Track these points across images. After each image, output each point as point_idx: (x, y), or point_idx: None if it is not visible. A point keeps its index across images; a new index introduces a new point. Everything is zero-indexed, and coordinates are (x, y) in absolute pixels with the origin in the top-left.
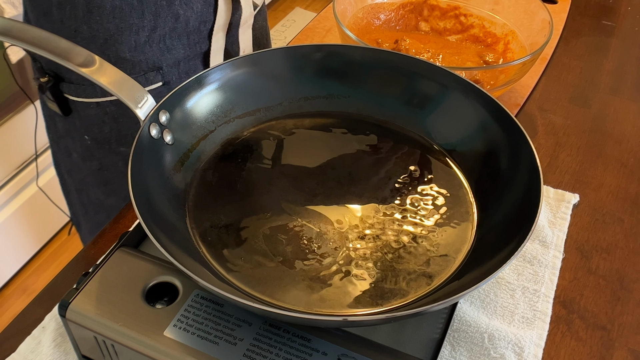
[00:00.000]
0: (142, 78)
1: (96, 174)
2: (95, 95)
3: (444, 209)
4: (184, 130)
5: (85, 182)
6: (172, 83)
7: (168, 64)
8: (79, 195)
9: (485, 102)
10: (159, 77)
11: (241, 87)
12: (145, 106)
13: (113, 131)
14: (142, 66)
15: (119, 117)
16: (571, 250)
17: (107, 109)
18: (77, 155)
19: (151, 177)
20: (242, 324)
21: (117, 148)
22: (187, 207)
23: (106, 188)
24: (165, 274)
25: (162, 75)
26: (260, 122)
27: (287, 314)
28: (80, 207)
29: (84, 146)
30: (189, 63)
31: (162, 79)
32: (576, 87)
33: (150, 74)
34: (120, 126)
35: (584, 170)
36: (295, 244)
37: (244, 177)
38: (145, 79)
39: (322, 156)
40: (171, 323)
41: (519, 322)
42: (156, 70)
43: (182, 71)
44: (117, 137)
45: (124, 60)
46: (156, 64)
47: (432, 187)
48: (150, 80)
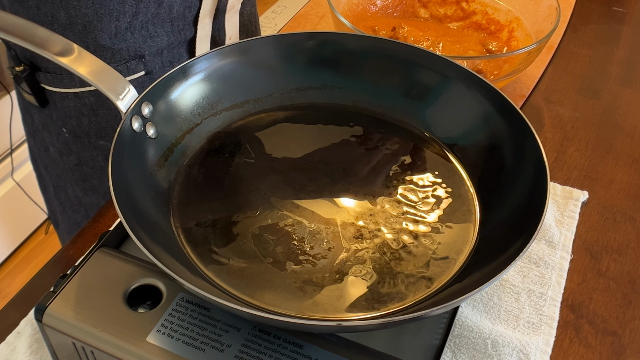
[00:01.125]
0: (123, 67)
1: (74, 170)
2: (73, 86)
3: (445, 207)
4: (168, 123)
5: (63, 178)
6: (155, 72)
7: (151, 52)
8: (56, 191)
9: (488, 94)
10: (141, 66)
11: (229, 77)
12: (127, 98)
13: (92, 124)
14: (123, 54)
15: (98, 108)
16: (580, 251)
17: (86, 100)
18: (54, 149)
19: (133, 173)
20: (230, 329)
21: (96, 142)
22: (172, 204)
23: (84, 184)
24: (148, 276)
25: (145, 64)
26: (249, 115)
27: (278, 318)
28: (58, 205)
29: (61, 140)
30: (173, 51)
31: (145, 68)
32: (585, 77)
33: (131, 63)
34: (99, 118)
35: (593, 166)
36: (286, 244)
37: (231, 173)
38: (126, 68)
39: (314, 151)
40: (154, 328)
41: (524, 327)
42: (138, 59)
43: (166, 60)
44: (96, 130)
45: (104, 48)
46: (138, 52)
47: (432, 184)
48: (132, 69)
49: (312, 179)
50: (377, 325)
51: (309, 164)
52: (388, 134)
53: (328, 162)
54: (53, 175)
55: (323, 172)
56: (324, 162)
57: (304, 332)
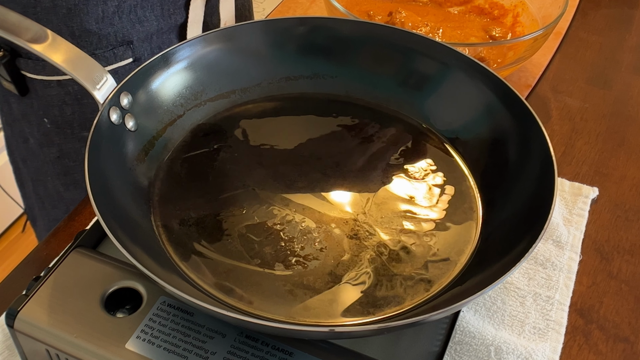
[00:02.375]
0: (110, 54)
1: (55, 163)
2: (56, 73)
3: (445, 204)
4: (149, 114)
5: (43, 171)
6: (144, 59)
7: (139, 37)
8: (34, 186)
9: (492, 83)
10: (129, 52)
11: (214, 65)
12: (105, 87)
13: (75, 114)
14: (110, 40)
15: (82, 97)
16: (589, 252)
17: (70, 89)
18: (34, 141)
19: (111, 168)
20: (215, 335)
21: (79, 133)
22: (153, 202)
23: (66, 179)
24: (127, 278)
25: (133, 51)
26: (236, 106)
27: (267, 324)
28: (36, 200)
29: (42, 131)
30: (163, 37)
31: (133, 54)
32: (595, 65)
33: (119, 49)
34: (83, 108)
35: (604, 161)
36: (276, 244)
37: (216, 167)
38: (113, 55)
39: (305, 144)
40: (134, 334)
41: (530, 334)
42: (126, 45)
43: (155, 46)
44: (80, 120)
45: (90, 33)
46: (126, 38)
47: (431, 180)
48: (120, 56)
49: (302, 174)
50: (372, 331)
51: (299, 158)
52: (384, 126)
53: (320, 156)
54: (32, 168)
55: (314, 167)
56: (316, 156)
57: (294, 338)
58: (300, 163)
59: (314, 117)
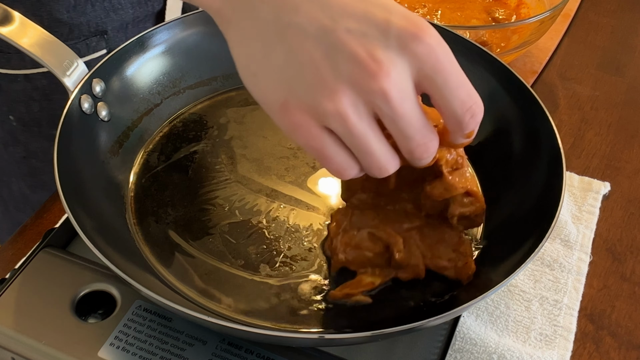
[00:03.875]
0: (83, 45)
1: (20, 163)
2: (23, 67)
3: None
4: (123, 103)
5: (6, 172)
6: None
7: (114, 27)
8: None
9: (495, 69)
10: (103, 43)
11: (193, 50)
12: (76, 74)
13: (44, 110)
14: (82, 30)
15: (51, 93)
16: (600, 252)
17: (38, 83)
18: None
19: (82, 162)
20: (195, 342)
21: (47, 131)
22: (127, 198)
23: (33, 180)
24: (99, 280)
25: (107, 41)
26: (217, 94)
27: (251, 330)
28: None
29: (6, 129)
30: (139, 26)
31: (107, 45)
32: (606, 50)
33: (92, 40)
34: (52, 104)
35: (616, 153)
36: (260, 243)
37: (196, 161)
38: (85, 46)
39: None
40: (107, 341)
41: (536, 340)
42: (99, 35)
43: (131, 36)
44: (48, 117)
45: (60, 23)
46: (99, 28)
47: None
48: (92, 47)
49: (289, 168)
50: (365, 338)
51: (286, 150)
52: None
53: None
54: None
55: (303, 160)
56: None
57: (281, 345)
58: (288, 156)
59: None
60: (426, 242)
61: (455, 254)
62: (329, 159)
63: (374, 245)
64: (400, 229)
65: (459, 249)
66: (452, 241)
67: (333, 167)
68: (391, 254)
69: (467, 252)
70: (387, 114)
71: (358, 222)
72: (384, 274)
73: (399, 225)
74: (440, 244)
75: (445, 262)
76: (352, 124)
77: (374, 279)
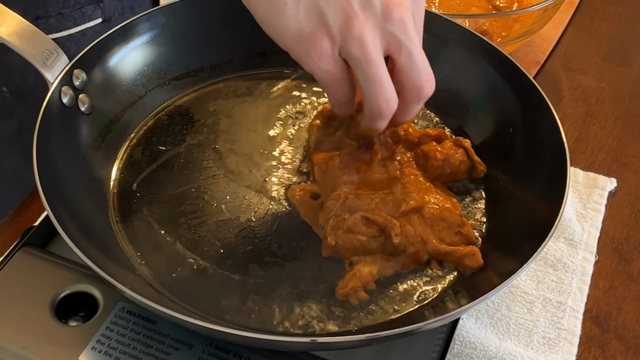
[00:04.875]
0: (78, 13)
1: (14, 138)
2: None
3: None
4: (106, 96)
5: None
6: (114, 20)
7: None
8: None
9: (495, 60)
10: (99, 11)
11: (179, 39)
12: (56, 64)
13: (40, 81)
14: None
15: None
16: (606, 251)
17: None
18: None
19: (63, 157)
20: (181, 346)
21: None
22: (110, 195)
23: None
24: (80, 281)
25: (103, 10)
26: (204, 85)
27: (240, 333)
28: None
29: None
30: None
31: (103, 14)
32: (613, 39)
33: (87, 8)
34: None
35: (623, 148)
36: (249, 242)
37: (183, 155)
38: (81, 14)
39: (283, 128)
40: (89, 345)
41: (539, 344)
42: (95, 4)
43: (126, 4)
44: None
45: None
46: None
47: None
48: (88, 15)
49: (280, 163)
50: (359, 342)
51: (276, 144)
52: None
53: (299, 143)
54: None
55: (294, 155)
56: (295, 142)
57: (271, 349)
58: (278, 150)
59: (292, 98)
60: (426, 223)
61: (458, 237)
62: (338, 86)
63: (368, 229)
64: (396, 212)
65: (462, 230)
66: (454, 221)
67: (339, 94)
68: (388, 237)
69: (470, 234)
70: (404, 44)
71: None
72: (378, 262)
73: (396, 209)
74: (441, 225)
75: (447, 246)
76: (370, 51)
77: (371, 267)
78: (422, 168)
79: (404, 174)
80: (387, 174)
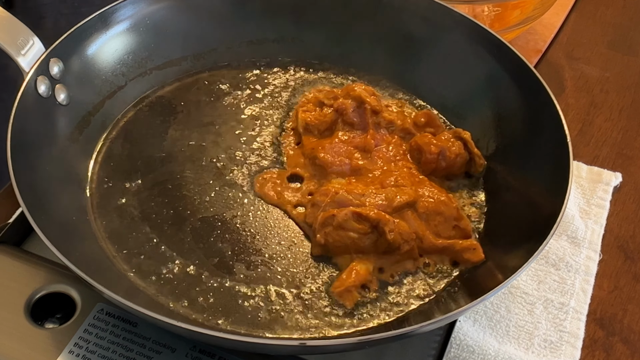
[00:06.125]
0: None
1: None
2: None
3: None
4: (84, 85)
5: None
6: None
7: None
8: None
9: (494, 48)
10: None
11: (161, 27)
12: (31, 53)
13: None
14: None
15: None
16: (611, 250)
17: None
18: None
19: (39, 150)
20: (163, 349)
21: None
22: (88, 190)
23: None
24: (57, 281)
25: None
26: (188, 75)
27: (225, 336)
28: None
29: None
30: None
31: None
32: (618, 27)
33: None
34: None
35: (629, 141)
36: (235, 240)
37: (164, 148)
38: None
39: (270, 120)
40: (66, 348)
41: (540, 348)
42: None
43: None
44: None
45: None
46: None
47: None
48: None
49: (267, 156)
50: (351, 345)
51: (263, 137)
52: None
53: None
54: None
55: (281, 148)
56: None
57: (257, 353)
58: (264, 143)
59: (280, 88)
60: (421, 218)
61: (455, 232)
62: None
63: (359, 226)
64: (388, 208)
65: (459, 224)
66: (450, 215)
67: None
68: (381, 234)
69: (467, 228)
70: None
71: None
72: (372, 260)
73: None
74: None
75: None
76: None
77: (367, 265)
78: (416, 162)
79: (397, 167)
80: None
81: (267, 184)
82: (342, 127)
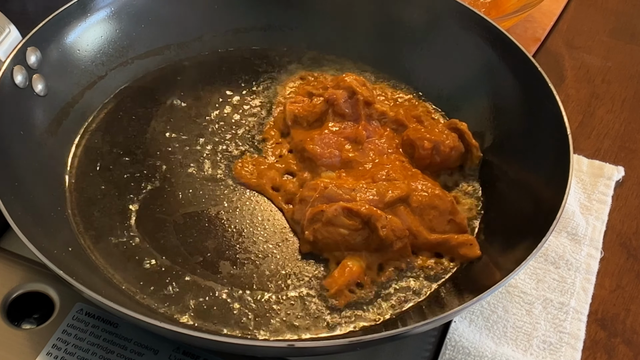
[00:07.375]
0: None
1: None
2: None
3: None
4: (62, 75)
5: None
6: None
7: None
8: None
9: (491, 36)
10: None
11: (143, 14)
12: (7, 41)
13: None
14: None
15: None
16: (613, 247)
17: None
18: None
19: (15, 143)
20: (145, 351)
21: None
22: (67, 185)
23: None
24: (34, 280)
25: None
26: (170, 64)
27: (211, 337)
28: None
29: None
30: None
31: None
32: (620, 14)
33: None
34: None
35: (631, 133)
36: (221, 237)
37: (147, 141)
38: None
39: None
40: (44, 350)
41: (539, 349)
42: None
43: None
44: None
45: None
46: None
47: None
48: None
49: (254, 147)
50: (340, 347)
51: (250, 129)
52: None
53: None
54: None
55: (268, 140)
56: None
57: (244, 355)
58: (251, 135)
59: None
60: (414, 213)
61: (450, 226)
62: None
63: (350, 222)
64: (380, 203)
65: (454, 218)
66: (445, 209)
67: None
68: (373, 230)
69: (463, 222)
70: None
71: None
72: (364, 257)
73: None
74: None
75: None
76: None
77: (360, 262)
78: (409, 156)
79: (390, 160)
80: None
81: (245, 166)
82: (333, 119)
